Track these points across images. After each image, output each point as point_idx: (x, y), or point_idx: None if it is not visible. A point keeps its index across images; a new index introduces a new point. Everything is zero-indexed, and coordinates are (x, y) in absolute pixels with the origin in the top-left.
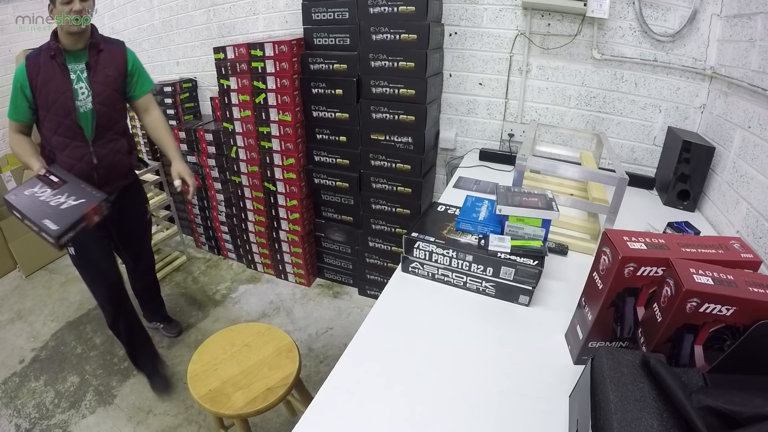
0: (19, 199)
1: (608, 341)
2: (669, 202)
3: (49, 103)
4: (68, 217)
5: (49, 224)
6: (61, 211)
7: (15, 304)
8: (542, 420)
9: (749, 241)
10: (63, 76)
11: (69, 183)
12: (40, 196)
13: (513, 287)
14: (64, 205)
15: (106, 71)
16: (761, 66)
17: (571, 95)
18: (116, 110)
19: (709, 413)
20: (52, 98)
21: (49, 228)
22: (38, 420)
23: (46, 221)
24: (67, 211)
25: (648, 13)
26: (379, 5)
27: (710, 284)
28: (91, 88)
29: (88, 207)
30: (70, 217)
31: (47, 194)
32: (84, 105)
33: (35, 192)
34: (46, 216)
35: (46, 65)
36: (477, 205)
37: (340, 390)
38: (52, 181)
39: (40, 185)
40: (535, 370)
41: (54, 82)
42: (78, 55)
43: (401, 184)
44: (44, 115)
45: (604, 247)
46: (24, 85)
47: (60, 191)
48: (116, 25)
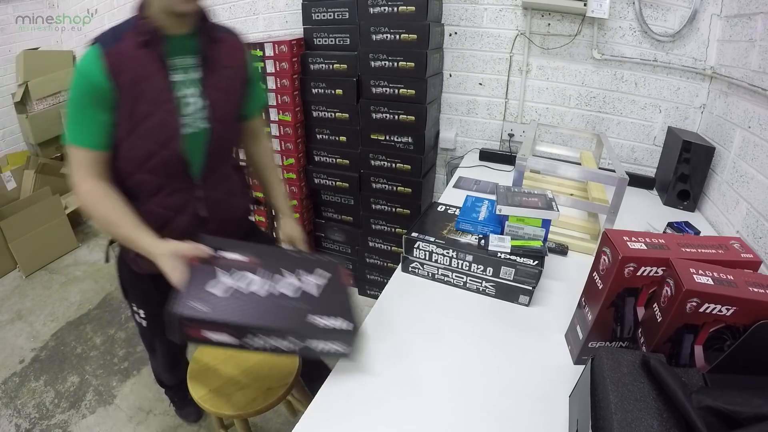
0: (222, 306)
1: (608, 341)
2: (669, 202)
3: (135, 119)
4: (344, 303)
5: (332, 322)
6: (323, 300)
7: (15, 304)
8: (542, 420)
9: (749, 241)
10: (161, 77)
11: (264, 255)
12: (256, 291)
13: (513, 287)
14: (311, 288)
15: (225, 72)
16: (761, 66)
17: (571, 95)
18: (235, 133)
19: (709, 413)
20: (141, 111)
21: (338, 329)
22: (38, 420)
23: (323, 319)
24: (330, 297)
25: (648, 13)
26: (379, 5)
27: (710, 284)
28: (207, 96)
29: (344, 277)
30: (345, 302)
31: (260, 283)
32: (192, 123)
33: (234, 286)
34: (310, 312)
35: (132, 57)
36: (477, 205)
37: (340, 390)
38: (237, 260)
39: (225, 274)
40: (535, 370)
41: (148, 86)
42: (183, 43)
43: (401, 184)
44: (123, 138)
45: (604, 247)
46: (98, 85)
47: (269, 270)
48: None
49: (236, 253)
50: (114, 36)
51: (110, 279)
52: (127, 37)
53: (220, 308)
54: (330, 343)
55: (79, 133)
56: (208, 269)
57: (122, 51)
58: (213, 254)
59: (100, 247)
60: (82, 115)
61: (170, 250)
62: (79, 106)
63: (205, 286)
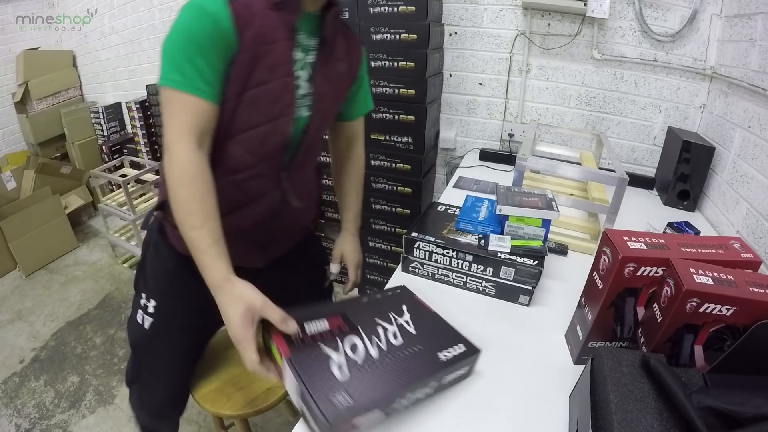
0: (358, 388)
1: (608, 341)
2: (669, 202)
3: (249, 83)
4: (447, 328)
5: (456, 350)
6: (428, 333)
7: (15, 304)
8: (542, 420)
9: (749, 241)
10: (287, 46)
11: (351, 311)
12: (372, 355)
13: (513, 287)
14: (408, 327)
15: (338, 66)
16: (761, 66)
17: (571, 95)
18: (325, 131)
19: (709, 413)
20: (258, 76)
21: (461, 354)
22: (38, 420)
23: (450, 351)
24: (431, 327)
25: (648, 13)
26: (379, 5)
27: (710, 284)
28: (315, 84)
29: (418, 301)
30: (447, 326)
31: (368, 345)
32: (298, 108)
33: (349, 359)
34: (434, 350)
35: (261, 15)
36: (477, 205)
37: None
38: (327, 330)
39: (332, 350)
40: (535, 370)
41: (271, 50)
42: (311, 21)
43: (401, 184)
44: (228, 100)
45: (604, 247)
46: (224, 30)
47: (368, 328)
48: (116, 24)
49: (320, 319)
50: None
51: (110, 279)
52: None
53: (359, 391)
54: (457, 371)
55: (191, 77)
56: (315, 350)
57: (252, 4)
58: (300, 331)
59: (100, 247)
60: (199, 57)
61: (248, 303)
62: (197, 46)
63: (328, 372)
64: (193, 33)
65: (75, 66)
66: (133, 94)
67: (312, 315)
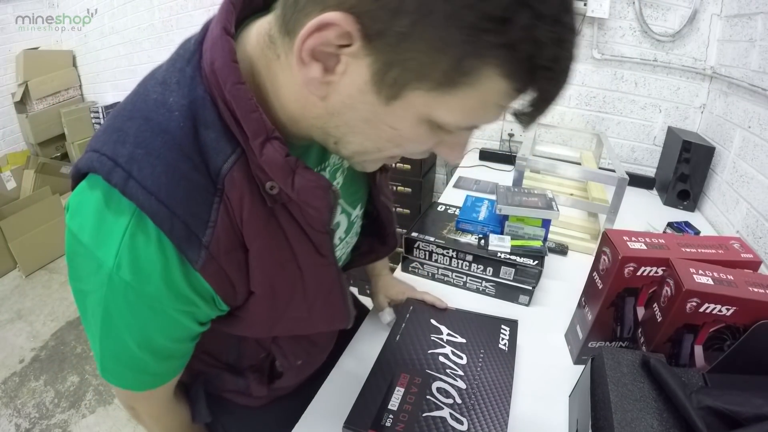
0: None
1: (608, 341)
2: (669, 202)
3: (279, 311)
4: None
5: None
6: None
7: (15, 303)
8: (542, 420)
9: (749, 241)
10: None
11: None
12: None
13: (513, 287)
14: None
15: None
16: (761, 66)
17: (571, 95)
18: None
19: (709, 413)
20: (287, 308)
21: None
22: (38, 420)
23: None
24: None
25: (648, 12)
26: None
27: (710, 284)
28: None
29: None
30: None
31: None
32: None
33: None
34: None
35: (266, 247)
36: (477, 205)
37: (340, 389)
38: (416, 384)
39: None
40: (535, 370)
41: (307, 269)
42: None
43: (401, 183)
44: (258, 325)
45: (604, 247)
46: (198, 292)
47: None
48: (116, 25)
49: (394, 389)
50: (193, 201)
51: None
52: (235, 189)
53: (486, 427)
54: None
55: (160, 376)
56: (424, 422)
57: (232, 242)
58: (391, 416)
59: None
60: (171, 354)
61: None
62: (160, 350)
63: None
64: (149, 336)
65: (75, 66)
66: None
67: (381, 391)
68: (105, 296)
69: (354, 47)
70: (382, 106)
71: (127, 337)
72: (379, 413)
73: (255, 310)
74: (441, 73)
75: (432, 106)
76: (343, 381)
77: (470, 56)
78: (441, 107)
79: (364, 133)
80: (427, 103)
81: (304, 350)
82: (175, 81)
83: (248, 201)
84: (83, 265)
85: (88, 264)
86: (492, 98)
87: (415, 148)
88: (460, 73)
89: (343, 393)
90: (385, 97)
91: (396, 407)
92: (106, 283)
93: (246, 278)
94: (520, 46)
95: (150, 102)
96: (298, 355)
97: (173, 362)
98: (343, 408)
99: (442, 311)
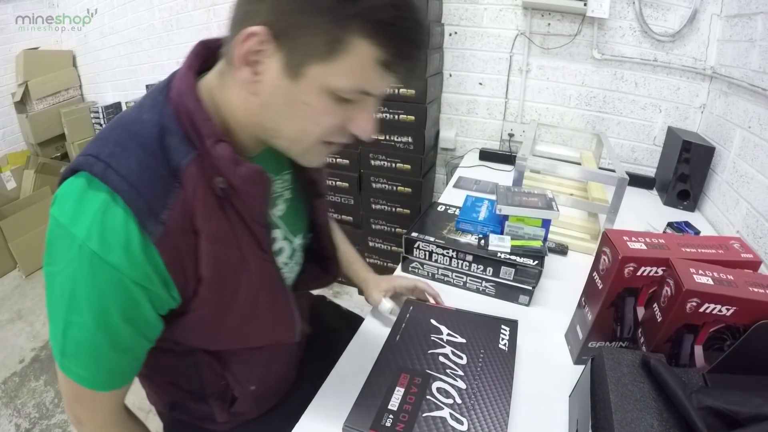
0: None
1: (608, 341)
2: (669, 202)
3: (228, 325)
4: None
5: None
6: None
7: (15, 303)
8: (542, 420)
9: (749, 241)
10: (259, 250)
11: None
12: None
13: (513, 287)
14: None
15: (321, 178)
16: (761, 66)
17: (571, 95)
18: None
19: (709, 413)
20: (244, 307)
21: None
22: (38, 420)
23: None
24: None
25: (648, 12)
26: None
27: (710, 284)
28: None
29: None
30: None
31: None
32: (288, 278)
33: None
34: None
35: (214, 230)
36: (477, 205)
37: (340, 389)
38: (415, 383)
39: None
40: (535, 370)
41: (245, 268)
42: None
43: (401, 183)
44: (206, 334)
45: (604, 247)
46: (151, 285)
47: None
48: (116, 24)
49: (394, 389)
50: (156, 186)
51: None
52: (190, 181)
53: (485, 427)
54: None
55: (111, 374)
56: (423, 423)
57: (186, 223)
58: (391, 416)
59: None
60: (125, 344)
61: None
62: (117, 332)
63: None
64: (107, 313)
65: (75, 66)
66: (133, 93)
67: (381, 391)
68: (74, 269)
69: (269, 49)
70: (294, 86)
71: (87, 314)
72: (379, 413)
73: (203, 306)
74: (323, 47)
75: (326, 75)
76: (343, 381)
77: (337, 29)
78: (332, 76)
79: (288, 116)
80: (322, 73)
81: (257, 376)
82: (149, 105)
83: (201, 192)
84: (59, 245)
85: (64, 242)
86: (367, 61)
87: (329, 122)
88: (336, 43)
89: (343, 393)
90: (293, 78)
91: (396, 407)
92: (77, 255)
93: (195, 264)
94: (369, 14)
95: (129, 119)
96: (250, 380)
97: (125, 360)
98: (343, 408)
99: (442, 311)
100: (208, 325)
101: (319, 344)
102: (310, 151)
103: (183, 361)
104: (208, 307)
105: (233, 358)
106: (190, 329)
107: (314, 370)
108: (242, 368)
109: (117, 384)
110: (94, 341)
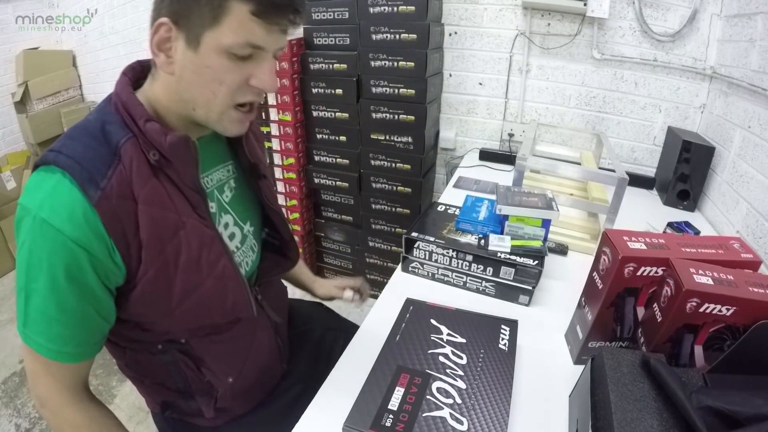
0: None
1: (608, 341)
2: (669, 202)
3: (177, 292)
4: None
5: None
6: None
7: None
8: (542, 420)
9: (749, 241)
10: (200, 221)
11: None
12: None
13: (513, 287)
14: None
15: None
16: (761, 66)
17: (571, 95)
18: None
19: (709, 413)
20: (187, 284)
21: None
22: (38, 420)
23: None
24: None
25: (648, 12)
26: (379, 5)
27: (710, 284)
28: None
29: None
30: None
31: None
32: (243, 263)
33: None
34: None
35: (150, 196)
36: (477, 205)
37: (340, 389)
38: (415, 383)
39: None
40: (535, 370)
41: (187, 239)
42: (210, 141)
43: (401, 183)
44: (159, 316)
45: (604, 247)
46: (90, 256)
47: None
48: (116, 25)
49: (394, 389)
50: (97, 161)
51: None
52: (127, 155)
53: (485, 428)
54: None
55: (64, 341)
56: (423, 422)
57: (127, 182)
58: (391, 415)
59: None
60: (72, 308)
61: None
62: (63, 293)
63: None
64: (51, 278)
65: (75, 66)
66: None
67: (381, 391)
68: (30, 239)
69: (174, 33)
70: (197, 56)
71: (41, 279)
72: (379, 413)
73: (149, 269)
74: (209, 14)
75: (217, 38)
76: (343, 381)
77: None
78: (222, 36)
79: (198, 83)
80: (215, 37)
81: (232, 367)
82: (96, 109)
83: (136, 163)
84: (23, 224)
85: (26, 221)
86: (243, 15)
87: (231, 78)
88: (218, 9)
89: (343, 393)
90: (195, 49)
91: (396, 407)
92: (31, 225)
93: (136, 229)
94: None
95: (81, 122)
96: (227, 372)
97: (78, 330)
98: (343, 408)
99: (442, 311)
100: (160, 294)
101: (311, 340)
102: (225, 115)
103: (161, 360)
104: (153, 269)
105: (204, 352)
106: (146, 303)
107: (305, 367)
108: (215, 362)
109: (72, 357)
110: (46, 304)
